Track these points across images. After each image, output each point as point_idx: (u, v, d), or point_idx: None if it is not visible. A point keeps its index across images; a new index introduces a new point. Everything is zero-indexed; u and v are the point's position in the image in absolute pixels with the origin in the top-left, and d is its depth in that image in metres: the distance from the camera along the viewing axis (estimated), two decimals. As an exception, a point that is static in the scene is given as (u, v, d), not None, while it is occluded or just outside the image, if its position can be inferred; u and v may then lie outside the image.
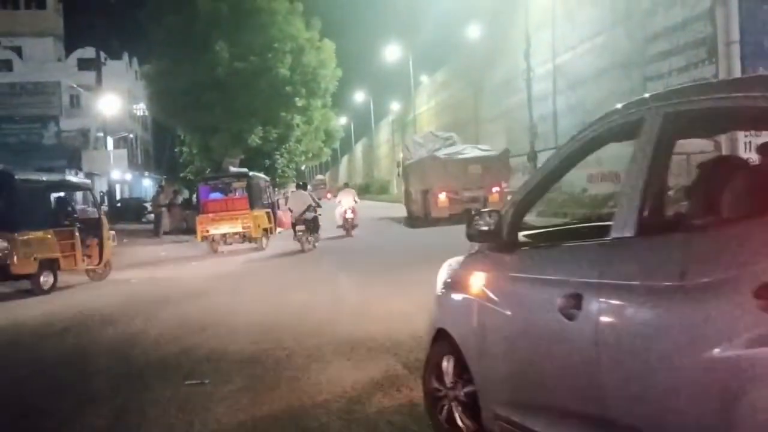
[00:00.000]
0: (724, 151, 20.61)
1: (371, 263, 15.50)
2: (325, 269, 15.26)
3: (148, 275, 15.66)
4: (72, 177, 18.52)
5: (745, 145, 19.22)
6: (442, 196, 25.43)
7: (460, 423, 4.12)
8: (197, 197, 22.86)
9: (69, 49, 53.80)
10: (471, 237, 4.02)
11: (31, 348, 8.75)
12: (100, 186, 45.42)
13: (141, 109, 57.59)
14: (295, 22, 37.81)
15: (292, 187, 33.34)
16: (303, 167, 46.23)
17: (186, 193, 36.61)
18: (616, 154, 14.25)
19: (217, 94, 34.86)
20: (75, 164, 43.30)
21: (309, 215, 19.76)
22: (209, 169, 35.79)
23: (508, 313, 3.66)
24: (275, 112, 37.53)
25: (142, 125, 63.46)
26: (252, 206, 20.79)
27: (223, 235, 20.59)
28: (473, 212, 4.25)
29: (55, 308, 11.63)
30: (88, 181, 20.38)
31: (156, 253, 21.36)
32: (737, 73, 21.58)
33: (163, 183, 37.63)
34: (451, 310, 4.37)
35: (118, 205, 41.94)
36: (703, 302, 2.44)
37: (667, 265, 2.70)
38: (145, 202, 44.32)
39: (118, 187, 49.02)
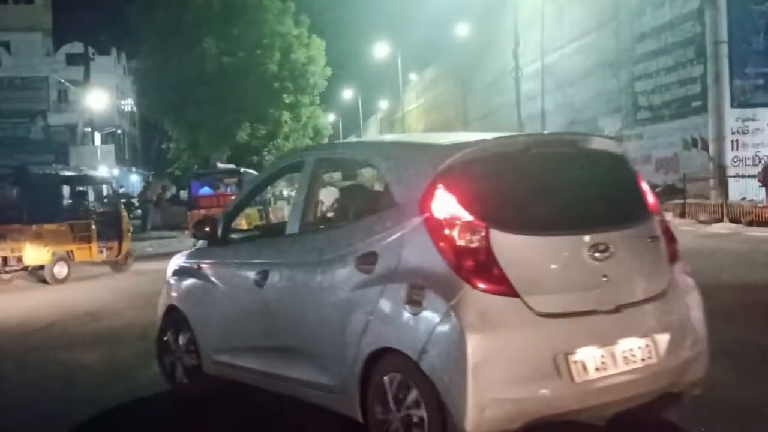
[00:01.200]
0: (711, 152, 20.83)
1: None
2: None
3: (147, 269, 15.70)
4: (93, 171, 18.81)
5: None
6: None
7: (183, 376, 5.66)
8: (189, 193, 22.98)
9: (57, 44, 53.53)
10: (195, 236, 5.95)
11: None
12: (87, 181, 45.32)
13: (129, 104, 57.38)
14: (285, 19, 37.78)
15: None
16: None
17: (174, 189, 36.50)
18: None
19: (205, 90, 34.78)
20: (62, 159, 43.05)
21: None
22: (197, 165, 35.74)
23: (221, 288, 5.33)
24: (263, 108, 37.49)
25: (129, 121, 63.16)
26: None
27: None
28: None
29: (57, 298, 11.97)
30: (107, 175, 20.39)
31: (143, 248, 21.28)
32: (725, 72, 21.72)
33: (151, 179, 37.48)
34: (180, 291, 5.81)
35: (105, 200, 41.67)
36: (331, 270, 4.26)
37: (314, 249, 4.44)
38: (132, 197, 44.12)
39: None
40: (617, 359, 3.63)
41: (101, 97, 40.20)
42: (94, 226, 14.76)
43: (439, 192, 3.67)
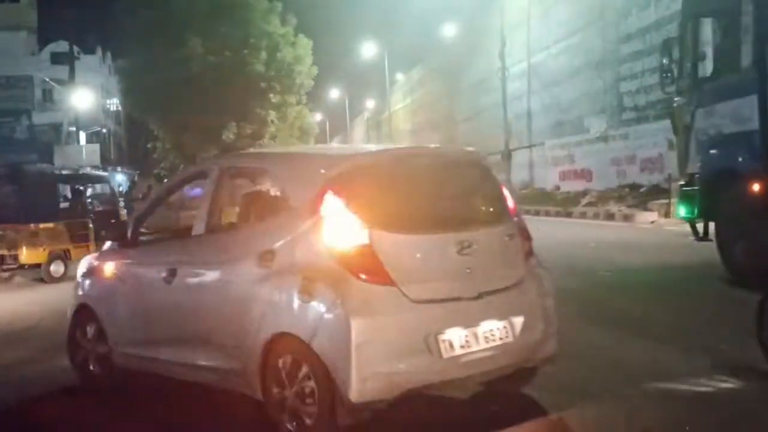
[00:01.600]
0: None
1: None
2: None
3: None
4: (90, 170, 18.99)
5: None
6: None
7: (94, 368, 6.05)
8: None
9: (42, 43, 53.15)
10: (105, 238, 6.45)
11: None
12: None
13: (114, 103, 57.05)
14: (272, 18, 37.68)
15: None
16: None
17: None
18: (586, 152, 14.30)
19: (191, 89, 34.62)
20: (47, 159, 42.79)
21: None
22: (182, 165, 35.56)
23: (131, 285, 5.73)
24: (249, 108, 37.36)
25: (115, 120, 62.84)
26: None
27: None
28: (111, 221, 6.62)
29: (49, 296, 12.20)
30: (105, 174, 20.36)
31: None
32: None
33: (137, 178, 37.30)
34: (91, 290, 6.21)
35: (89, 199, 41.41)
36: (234, 266, 4.74)
37: (219, 248, 5.00)
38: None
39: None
40: (479, 338, 4.33)
41: (86, 97, 40.06)
42: (91, 225, 14.87)
43: (328, 197, 4.29)
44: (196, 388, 5.18)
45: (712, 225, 8.98)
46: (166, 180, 26.13)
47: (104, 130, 57.83)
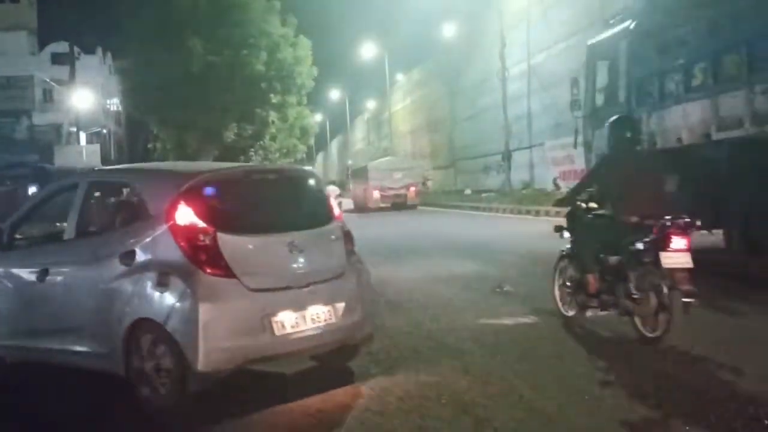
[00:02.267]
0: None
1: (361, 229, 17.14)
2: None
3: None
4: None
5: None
6: (376, 193, 35.19)
7: None
8: None
9: (42, 43, 53.17)
10: None
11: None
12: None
13: (115, 104, 57.11)
14: (272, 19, 37.73)
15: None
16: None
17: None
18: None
19: (192, 89, 34.70)
20: (47, 159, 42.83)
21: (338, 200, 25.83)
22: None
23: (6, 285, 6.38)
24: (250, 108, 37.46)
25: (115, 121, 62.85)
26: None
27: None
28: None
29: None
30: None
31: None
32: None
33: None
34: None
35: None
36: (101, 265, 5.49)
37: (88, 249, 5.75)
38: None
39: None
40: (307, 320, 5.33)
41: (87, 97, 40.06)
42: None
43: (181, 206, 5.13)
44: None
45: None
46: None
47: (104, 131, 57.85)
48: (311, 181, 6.28)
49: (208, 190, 5.33)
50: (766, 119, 8.07)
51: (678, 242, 5.87)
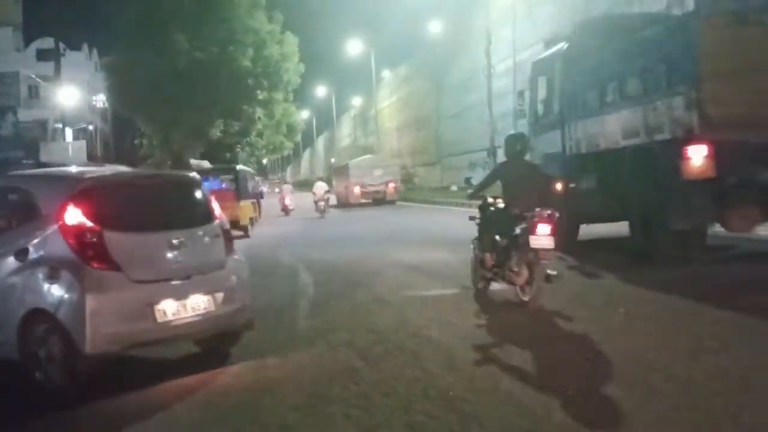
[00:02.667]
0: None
1: (342, 224, 24.59)
2: (330, 226, 24.41)
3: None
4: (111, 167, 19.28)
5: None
6: (357, 189, 36.80)
7: None
8: None
9: (28, 40, 52.82)
10: None
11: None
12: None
13: (101, 100, 56.80)
14: (258, 15, 37.65)
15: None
16: (264, 161, 46.11)
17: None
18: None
19: (178, 86, 34.60)
20: (33, 155, 42.61)
21: (327, 196, 30.04)
22: (169, 162, 35.56)
23: None
24: (237, 104, 37.38)
25: (101, 117, 62.55)
26: (239, 198, 22.29)
27: None
28: None
29: None
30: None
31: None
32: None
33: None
34: None
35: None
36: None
37: None
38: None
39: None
40: (188, 308, 5.93)
41: (72, 93, 39.84)
42: None
43: (70, 207, 5.71)
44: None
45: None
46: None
47: (90, 127, 57.57)
48: (194, 186, 6.89)
49: (97, 193, 5.96)
50: (656, 131, 10.06)
51: (543, 229, 7.43)
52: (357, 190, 36.82)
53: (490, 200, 8.75)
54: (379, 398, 5.08)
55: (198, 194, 6.76)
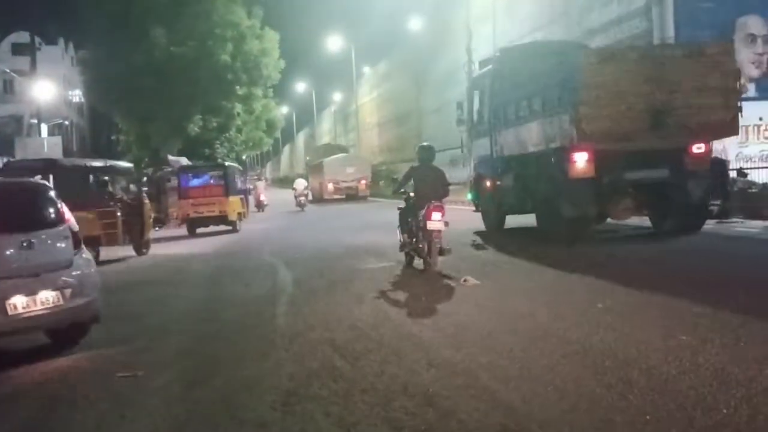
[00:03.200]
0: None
1: (319, 218, 27.80)
2: (309, 219, 28.08)
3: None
4: (117, 162, 20.38)
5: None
6: (330, 186, 39.95)
7: None
8: (178, 184, 24.39)
9: (2, 34, 52.28)
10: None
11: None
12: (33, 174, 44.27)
13: (77, 95, 56.37)
14: (236, 9, 37.43)
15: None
16: (244, 157, 45.90)
17: (123, 182, 35.92)
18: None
19: (155, 81, 34.32)
20: (8, 151, 42.11)
21: (306, 192, 33.85)
22: (147, 158, 35.26)
23: None
24: (215, 100, 37.16)
25: (78, 112, 62.06)
26: (228, 193, 23.02)
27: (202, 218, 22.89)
28: None
29: None
30: (130, 165, 21.20)
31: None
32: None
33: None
34: None
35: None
36: None
37: None
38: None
39: (51, 176, 47.73)
40: (38, 302, 6.49)
41: (48, 88, 39.27)
42: (119, 214, 15.82)
43: None
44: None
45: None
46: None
47: (67, 122, 57.07)
48: (42, 191, 7.51)
49: None
50: (551, 140, 12.84)
51: (436, 215, 10.28)
52: (331, 186, 40.02)
53: (412, 194, 11.20)
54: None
55: (47, 199, 7.32)
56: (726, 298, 7.31)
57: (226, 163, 26.30)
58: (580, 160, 12.27)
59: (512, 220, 15.87)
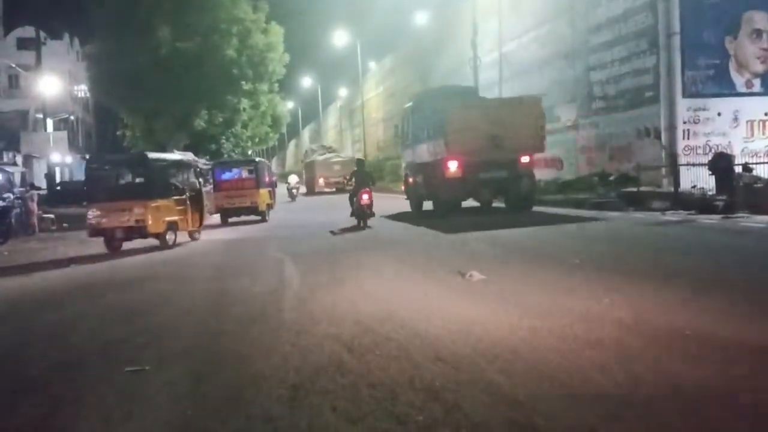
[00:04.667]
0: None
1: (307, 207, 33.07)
2: (300, 207, 33.93)
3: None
4: (186, 157, 22.51)
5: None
6: (321, 180, 48.62)
7: None
8: (212, 177, 26.51)
9: (8, 28, 52.38)
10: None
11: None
12: (40, 169, 44.36)
13: (82, 90, 56.38)
14: (242, 4, 37.40)
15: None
16: (250, 152, 45.90)
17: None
18: (556, 140, 14.44)
19: (161, 76, 34.32)
20: (13, 146, 42.23)
21: (297, 185, 40.85)
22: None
23: None
24: (221, 95, 37.15)
25: (83, 107, 62.14)
26: (259, 186, 25.21)
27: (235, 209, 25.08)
28: None
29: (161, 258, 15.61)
30: (198, 160, 23.74)
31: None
32: (677, 63, 22.14)
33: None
34: None
35: (58, 188, 40.83)
36: None
37: None
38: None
39: (58, 170, 47.87)
40: None
41: (53, 83, 39.43)
42: (188, 202, 17.76)
43: None
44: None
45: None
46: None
47: (72, 117, 57.18)
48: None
49: None
50: (437, 154, 20.37)
51: (364, 196, 18.02)
52: (321, 181, 48.75)
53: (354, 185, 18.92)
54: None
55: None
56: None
57: (257, 159, 28.85)
58: (452, 166, 19.72)
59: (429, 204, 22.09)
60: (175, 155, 21.23)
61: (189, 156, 23.50)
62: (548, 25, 29.29)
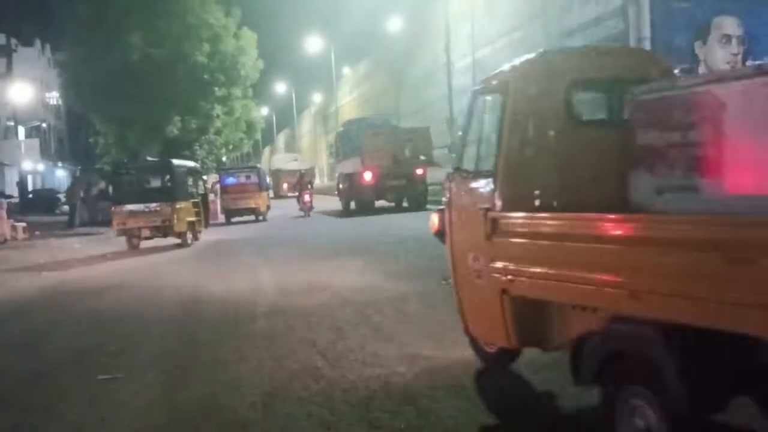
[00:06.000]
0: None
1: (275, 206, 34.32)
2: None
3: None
4: (197, 165, 25.66)
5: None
6: (285, 185, 53.65)
7: None
8: (219, 182, 30.81)
9: (-24, 35, 51.65)
10: None
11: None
12: (12, 177, 43.82)
13: (54, 97, 55.80)
14: (213, 9, 37.23)
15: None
16: (224, 158, 45.64)
17: (102, 184, 35.67)
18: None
19: (132, 82, 33.99)
20: (-17, 154, 41.67)
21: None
22: (126, 160, 35.02)
23: None
24: (194, 101, 36.88)
25: (55, 114, 61.45)
26: (260, 189, 29.07)
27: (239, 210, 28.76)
28: None
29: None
30: (197, 165, 25.92)
31: (70, 244, 20.90)
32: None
33: (78, 174, 36.46)
34: None
35: (30, 196, 40.39)
36: None
37: None
38: (59, 193, 42.86)
39: (30, 178, 47.28)
40: None
41: (25, 90, 39.08)
42: (201, 204, 20.26)
43: None
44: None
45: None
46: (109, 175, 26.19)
47: (44, 125, 56.55)
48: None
49: None
50: (355, 166, 27.21)
51: (306, 196, 28.32)
52: (285, 185, 53.79)
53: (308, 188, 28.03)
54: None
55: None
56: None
57: (257, 166, 34.17)
58: (367, 176, 26.35)
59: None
60: (189, 163, 23.47)
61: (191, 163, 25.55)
62: (521, 30, 29.48)
